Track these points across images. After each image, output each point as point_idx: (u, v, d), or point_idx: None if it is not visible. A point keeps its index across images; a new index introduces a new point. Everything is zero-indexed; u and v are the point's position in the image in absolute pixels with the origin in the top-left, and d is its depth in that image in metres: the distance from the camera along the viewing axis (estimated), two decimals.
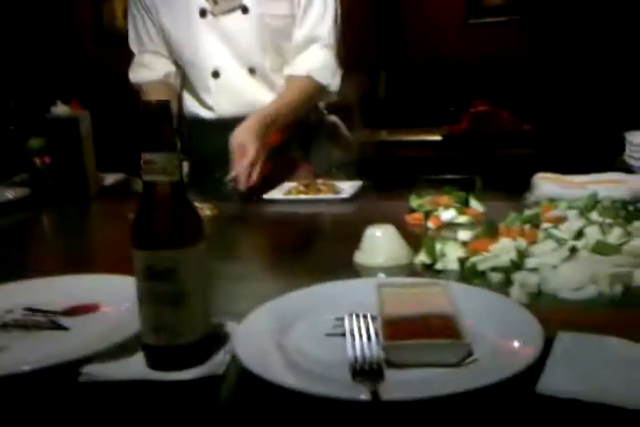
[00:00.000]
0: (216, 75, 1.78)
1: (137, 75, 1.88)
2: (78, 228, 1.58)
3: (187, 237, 0.70)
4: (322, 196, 1.63)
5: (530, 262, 0.95)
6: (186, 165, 1.62)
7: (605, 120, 3.14)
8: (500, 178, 3.12)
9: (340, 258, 1.13)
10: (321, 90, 1.81)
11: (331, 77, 1.80)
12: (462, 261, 1.01)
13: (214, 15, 1.74)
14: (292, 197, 1.64)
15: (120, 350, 0.75)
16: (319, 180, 1.70)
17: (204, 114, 1.86)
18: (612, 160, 1.70)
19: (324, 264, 1.20)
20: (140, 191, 0.70)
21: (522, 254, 0.97)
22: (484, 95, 3.72)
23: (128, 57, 1.91)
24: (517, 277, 0.93)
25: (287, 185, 1.71)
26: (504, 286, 0.93)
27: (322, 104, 1.99)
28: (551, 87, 3.79)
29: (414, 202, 1.41)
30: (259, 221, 1.54)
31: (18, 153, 1.94)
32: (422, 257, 1.05)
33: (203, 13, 1.74)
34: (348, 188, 1.67)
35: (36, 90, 4.06)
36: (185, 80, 1.90)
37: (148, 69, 1.85)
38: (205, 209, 1.47)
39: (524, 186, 1.55)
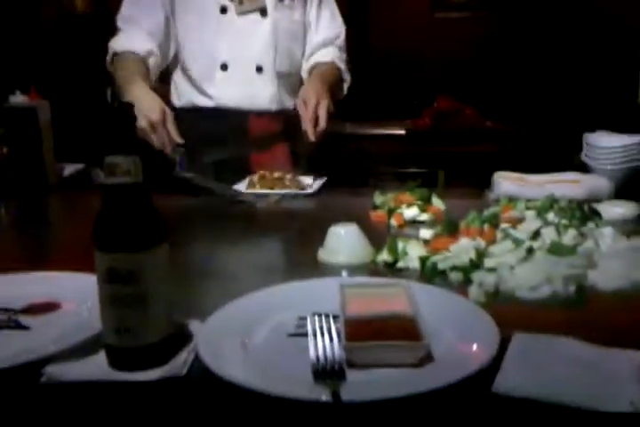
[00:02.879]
0: (224, 67, 1.85)
1: (119, 43, 1.82)
2: (37, 221, 1.55)
3: (149, 239, 0.70)
4: (287, 191, 1.64)
5: (488, 262, 0.98)
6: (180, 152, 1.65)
7: (567, 119, 3.20)
8: (462, 174, 3.18)
9: (304, 255, 1.14)
10: (341, 78, 1.96)
11: (346, 70, 1.97)
12: (423, 260, 1.03)
13: (235, 13, 1.82)
14: (258, 191, 1.64)
15: (82, 350, 0.74)
16: (287, 175, 1.71)
17: (201, 102, 1.90)
18: (570, 158, 1.74)
19: (288, 261, 1.22)
20: (101, 182, 0.69)
21: (481, 254, 0.99)
22: (448, 90, 3.75)
23: (90, 40, 1.81)
24: (476, 276, 0.95)
25: (249, 177, 1.71)
26: (463, 285, 0.95)
27: None
28: (514, 84, 3.85)
29: (378, 199, 1.43)
30: (221, 216, 1.53)
31: None
32: (384, 256, 1.07)
33: (223, 10, 1.82)
34: (313, 183, 1.69)
35: None
36: (170, 67, 1.93)
37: (133, 41, 1.80)
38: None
39: (486, 183, 1.58)
